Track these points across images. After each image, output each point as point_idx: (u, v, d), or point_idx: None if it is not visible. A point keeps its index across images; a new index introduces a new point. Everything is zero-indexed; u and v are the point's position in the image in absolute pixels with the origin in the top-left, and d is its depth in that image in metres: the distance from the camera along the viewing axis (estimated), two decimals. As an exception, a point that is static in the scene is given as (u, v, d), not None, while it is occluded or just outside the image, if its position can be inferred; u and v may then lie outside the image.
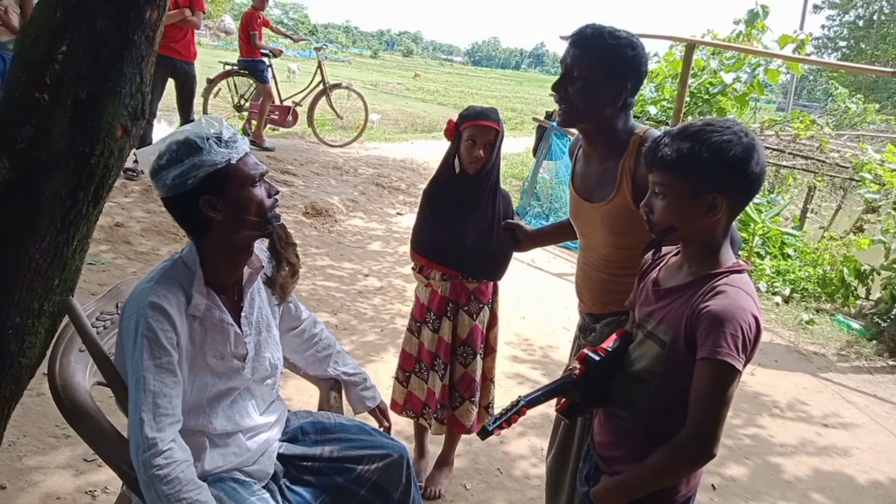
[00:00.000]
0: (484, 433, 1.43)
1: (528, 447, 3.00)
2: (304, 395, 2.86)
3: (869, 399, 4.11)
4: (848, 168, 6.69)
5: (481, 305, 2.42)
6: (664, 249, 1.48)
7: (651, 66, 8.46)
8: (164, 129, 8.03)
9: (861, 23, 34.22)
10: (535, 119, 7.77)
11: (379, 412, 1.98)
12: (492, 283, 2.45)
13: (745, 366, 1.25)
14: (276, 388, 1.72)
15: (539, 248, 2.60)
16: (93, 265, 3.98)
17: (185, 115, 5.91)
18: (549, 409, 1.55)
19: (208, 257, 1.49)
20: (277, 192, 1.54)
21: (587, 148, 1.88)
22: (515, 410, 1.43)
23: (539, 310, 4.75)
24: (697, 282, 1.34)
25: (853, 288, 5.79)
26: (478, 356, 2.43)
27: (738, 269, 1.34)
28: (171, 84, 5.78)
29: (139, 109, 1.66)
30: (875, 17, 33.40)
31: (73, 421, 1.47)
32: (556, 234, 2.36)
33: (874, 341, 4.99)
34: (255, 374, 1.60)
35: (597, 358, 1.45)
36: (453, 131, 2.31)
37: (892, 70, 5.97)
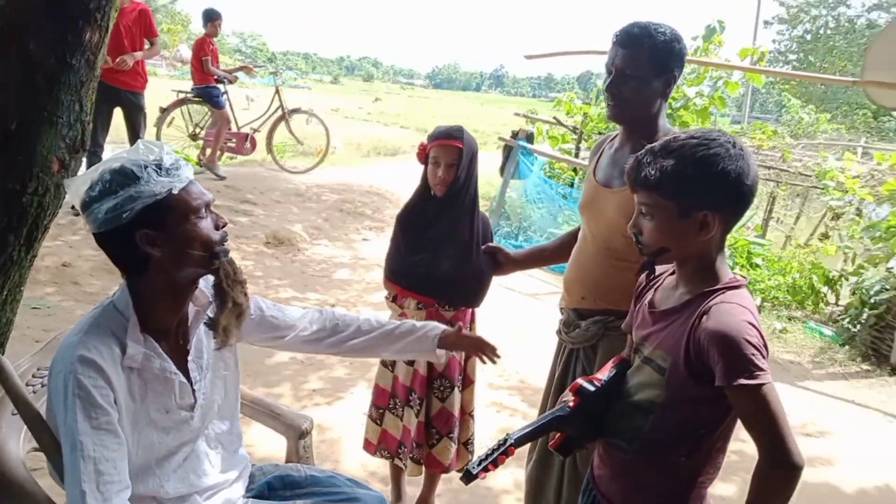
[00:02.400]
0: (468, 477, 1.30)
1: (514, 481, 2.85)
2: (270, 444, 2.65)
3: (846, 405, 4.10)
4: (810, 176, 6.80)
5: (458, 334, 2.29)
6: (659, 269, 1.40)
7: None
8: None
9: (808, 37, 35.43)
10: (500, 139, 7.76)
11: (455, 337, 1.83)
12: (469, 310, 2.33)
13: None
14: (235, 438, 1.56)
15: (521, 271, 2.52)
16: (38, 309, 3.75)
17: None
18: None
19: (146, 299, 1.32)
20: (226, 224, 1.38)
21: (625, 138, 1.92)
22: (503, 450, 1.32)
23: (517, 334, 4.63)
24: (693, 301, 1.26)
25: (823, 294, 5.84)
26: (455, 389, 2.30)
27: (735, 285, 1.26)
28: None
29: (79, 141, 1.51)
30: (821, 31, 34.62)
31: (3, 497, 1.29)
32: (540, 258, 2.28)
33: (846, 346, 5.01)
34: (205, 421, 1.44)
35: (591, 388, 1.35)
36: (423, 154, 2.25)
37: (851, 80, 6.11)
